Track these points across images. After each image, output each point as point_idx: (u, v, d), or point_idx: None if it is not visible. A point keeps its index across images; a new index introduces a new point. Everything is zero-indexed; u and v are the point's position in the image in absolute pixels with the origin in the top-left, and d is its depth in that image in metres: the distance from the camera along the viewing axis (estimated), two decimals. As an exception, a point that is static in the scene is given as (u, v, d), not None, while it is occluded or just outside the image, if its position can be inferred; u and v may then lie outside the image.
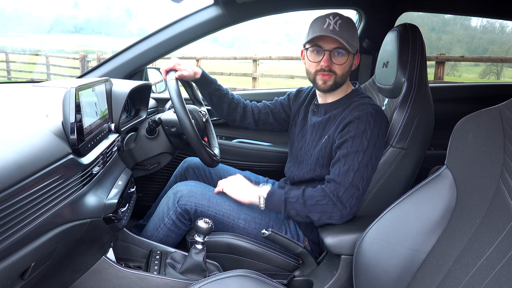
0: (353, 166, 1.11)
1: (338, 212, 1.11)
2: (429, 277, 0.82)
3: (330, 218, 1.13)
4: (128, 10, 61.58)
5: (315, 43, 1.20)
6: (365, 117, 1.14)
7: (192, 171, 1.58)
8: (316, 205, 1.13)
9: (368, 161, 1.12)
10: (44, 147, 0.76)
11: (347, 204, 1.11)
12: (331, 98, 1.30)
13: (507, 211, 0.71)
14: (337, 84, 1.23)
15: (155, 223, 1.34)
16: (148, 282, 1.15)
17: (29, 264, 0.72)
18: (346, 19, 1.19)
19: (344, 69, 1.21)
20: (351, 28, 1.18)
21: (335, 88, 1.24)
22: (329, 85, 1.23)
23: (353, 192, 1.11)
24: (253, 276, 0.94)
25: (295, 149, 1.40)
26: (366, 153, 1.12)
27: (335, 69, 1.20)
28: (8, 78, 11.35)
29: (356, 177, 1.11)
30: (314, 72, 1.23)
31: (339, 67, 1.20)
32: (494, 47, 21.41)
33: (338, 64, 1.19)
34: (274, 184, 1.57)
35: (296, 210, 1.15)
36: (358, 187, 1.11)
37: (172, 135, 1.40)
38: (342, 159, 1.13)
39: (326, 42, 1.18)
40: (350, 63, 1.23)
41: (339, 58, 1.19)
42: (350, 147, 1.13)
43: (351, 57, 1.22)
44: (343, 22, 1.16)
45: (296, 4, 1.75)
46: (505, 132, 0.77)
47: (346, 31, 1.16)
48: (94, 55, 11.06)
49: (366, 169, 1.12)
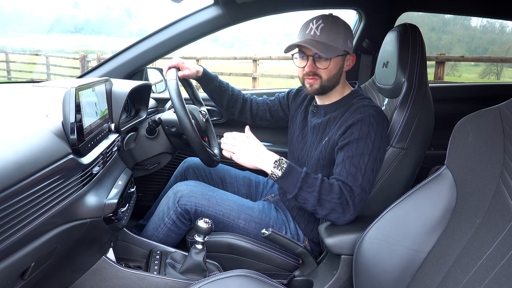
0: (360, 169, 1.09)
1: (348, 215, 1.09)
2: (429, 277, 0.82)
3: (337, 218, 1.09)
4: (128, 10, 61.56)
5: (299, 49, 1.21)
6: (367, 119, 1.13)
7: (192, 171, 1.58)
8: (330, 201, 1.08)
9: (374, 164, 1.11)
10: (44, 147, 0.76)
11: (357, 207, 1.09)
12: (328, 99, 1.29)
13: (507, 211, 0.71)
14: (324, 87, 1.23)
15: (155, 223, 1.35)
16: (148, 282, 1.15)
17: (29, 264, 0.72)
18: (331, 21, 1.17)
19: (329, 73, 1.20)
20: (334, 31, 1.17)
21: (322, 92, 1.24)
22: (315, 89, 1.23)
23: (363, 196, 1.10)
24: (253, 276, 0.94)
25: (295, 150, 1.40)
26: (371, 155, 1.11)
27: (320, 73, 1.20)
28: (8, 78, 11.35)
29: (364, 181, 1.10)
30: (302, 77, 1.25)
31: (323, 71, 1.20)
32: (494, 47, 21.41)
33: (322, 68, 1.19)
34: (274, 185, 1.57)
35: (306, 199, 1.09)
36: (366, 190, 1.10)
37: (172, 135, 1.40)
38: (347, 160, 1.11)
39: (307, 48, 1.18)
40: (338, 65, 1.21)
41: (323, 62, 1.19)
42: (355, 150, 1.11)
43: (337, 59, 1.20)
44: (326, 26, 1.16)
45: (296, 4, 1.75)
46: (505, 132, 0.77)
47: (328, 34, 1.16)
48: (94, 55, 11.06)
49: (372, 172, 1.11)
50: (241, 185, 1.57)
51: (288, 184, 1.10)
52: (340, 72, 1.23)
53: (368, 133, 1.12)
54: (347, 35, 1.20)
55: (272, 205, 1.40)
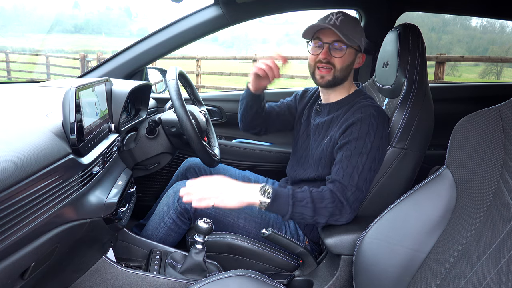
0: (357, 168, 1.10)
1: (346, 215, 1.09)
2: (429, 277, 0.82)
3: (338, 220, 1.09)
4: (128, 10, 61.56)
5: (316, 36, 1.21)
6: (367, 119, 1.14)
7: (193, 171, 1.58)
8: (325, 208, 1.07)
9: (372, 163, 1.11)
10: (44, 147, 0.76)
11: (353, 206, 1.10)
12: (333, 97, 1.29)
13: (507, 211, 0.71)
14: (336, 79, 1.22)
15: (155, 222, 1.35)
16: (148, 282, 1.15)
17: (29, 264, 0.72)
18: (350, 17, 1.20)
19: (343, 63, 1.20)
20: (352, 25, 1.19)
21: (333, 84, 1.24)
22: (327, 80, 1.22)
23: (358, 195, 1.10)
24: (253, 276, 0.94)
25: (299, 148, 1.40)
26: (369, 155, 1.11)
27: (333, 61, 1.20)
28: (8, 78, 11.35)
29: (360, 180, 1.10)
30: (314, 65, 1.23)
31: (338, 60, 1.20)
32: (494, 47, 21.42)
33: (337, 57, 1.19)
34: (274, 184, 1.57)
35: (303, 213, 1.06)
36: (362, 189, 1.11)
37: (172, 135, 1.40)
38: (345, 159, 1.12)
39: (325, 35, 1.19)
40: (351, 58, 1.22)
41: (338, 51, 1.19)
42: (354, 149, 1.12)
43: (351, 52, 1.21)
44: (345, 19, 1.18)
45: (296, 4, 1.75)
46: (505, 132, 0.77)
47: (346, 26, 1.17)
48: (94, 55, 11.05)
49: (370, 171, 1.11)
50: (241, 185, 1.57)
51: (280, 206, 1.06)
52: (351, 66, 1.24)
53: (368, 133, 1.12)
54: (362, 34, 1.23)
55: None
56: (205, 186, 1.05)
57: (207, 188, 1.04)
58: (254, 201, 1.05)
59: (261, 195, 1.05)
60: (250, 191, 1.06)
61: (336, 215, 1.08)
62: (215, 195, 1.04)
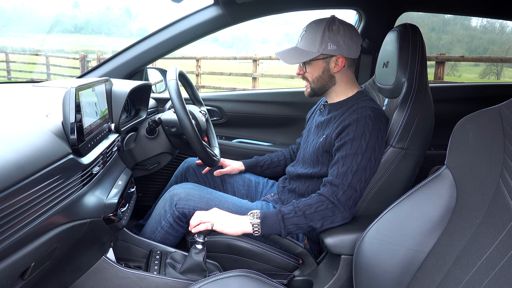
0: (351, 168, 1.11)
1: (340, 214, 1.11)
2: (429, 277, 0.82)
3: (333, 222, 1.11)
4: (128, 10, 61.59)
5: None
6: (363, 120, 1.14)
7: (192, 171, 1.58)
8: (316, 212, 1.10)
9: (367, 163, 1.12)
10: (44, 147, 0.76)
11: (346, 205, 1.11)
12: (333, 98, 1.32)
13: (507, 211, 0.71)
14: (314, 90, 1.30)
15: (152, 226, 1.34)
16: (148, 282, 1.15)
17: (29, 264, 0.72)
18: (313, 27, 1.23)
19: (312, 75, 1.27)
20: (310, 37, 1.23)
21: (314, 94, 1.31)
22: (309, 92, 1.32)
23: (351, 194, 1.11)
24: (253, 276, 0.94)
25: (302, 146, 1.44)
26: (365, 155, 1.12)
27: (306, 75, 1.29)
28: (8, 78, 11.35)
29: (354, 179, 1.11)
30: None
31: (308, 74, 1.28)
32: (494, 47, 21.43)
33: (308, 72, 1.28)
34: (274, 185, 1.57)
35: (296, 224, 1.11)
36: (355, 188, 1.11)
37: (172, 135, 1.40)
38: (341, 160, 1.14)
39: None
40: (319, 68, 1.25)
41: (306, 67, 1.28)
42: (349, 149, 1.13)
43: (317, 63, 1.25)
44: (306, 33, 1.24)
45: (296, 4, 1.75)
46: (505, 132, 0.77)
47: (305, 41, 1.24)
48: (94, 55, 11.06)
49: (365, 171, 1.12)
50: (240, 185, 1.57)
51: (271, 223, 1.11)
52: (327, 74, 1.26)
53: (363, 134, 1.13)
54: (331, 38, 1.21)
55: (270, 204, 1.40)
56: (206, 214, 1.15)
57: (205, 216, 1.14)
58: (248, 230, 1.12)
59: (251, 218, 1.12)
60: (242, 220, 1.13)
61: (329, 217, 1.11)
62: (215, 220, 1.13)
